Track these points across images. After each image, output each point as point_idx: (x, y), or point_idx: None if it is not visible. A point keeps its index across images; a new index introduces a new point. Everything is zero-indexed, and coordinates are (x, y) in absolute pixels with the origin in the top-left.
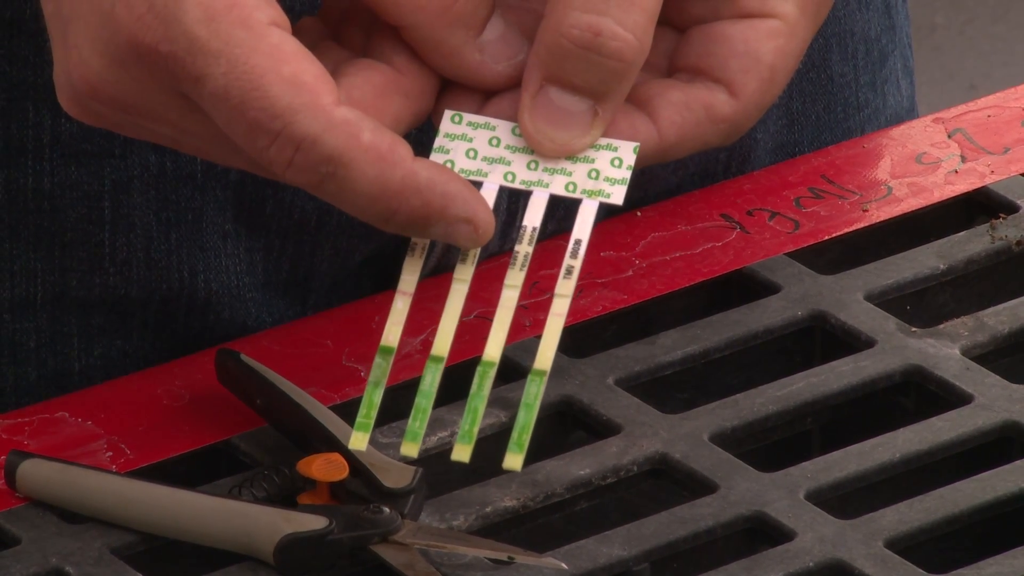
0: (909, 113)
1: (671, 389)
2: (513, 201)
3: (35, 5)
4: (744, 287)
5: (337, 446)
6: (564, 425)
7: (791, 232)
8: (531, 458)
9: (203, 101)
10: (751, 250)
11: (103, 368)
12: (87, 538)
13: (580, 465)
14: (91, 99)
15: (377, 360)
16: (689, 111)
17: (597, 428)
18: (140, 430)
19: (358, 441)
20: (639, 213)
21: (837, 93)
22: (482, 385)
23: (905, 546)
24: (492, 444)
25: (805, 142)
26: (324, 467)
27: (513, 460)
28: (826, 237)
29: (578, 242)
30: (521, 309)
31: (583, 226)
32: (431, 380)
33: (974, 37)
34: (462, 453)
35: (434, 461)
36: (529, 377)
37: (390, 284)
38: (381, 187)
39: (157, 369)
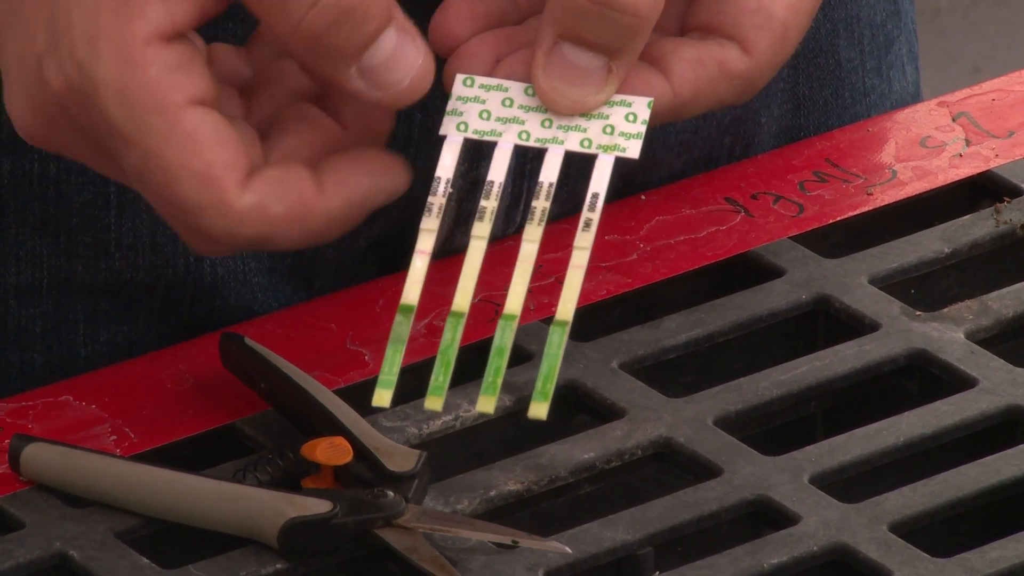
0: (914, 98)
1: (675, 373)
2: (518, 184)
3: None
4: (748, 271)
5: (341, 430)
6: (568, 409)
7: (795, 216)
8: (534, 442)
9: (128, 174)
10: (755, 234)
11: (109, 354)
12: (91, 522)
13: (584, 449)
14: (33, 143)
15: (398, 318)
16: (702, 67)
17: (601, 412)
18: (144, 414)
19: (381, 398)
20: (643, 197)
21: (844, 78)
22: (503, 338)
23: (909, 530)
24: (495, 428)
25: (811, 127)
26: (328, 451)
27: (538, 409)
28: (830, 221)
29: (595, 195)
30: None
31: (600, 180)
32: (452, 335)
33: (978, 20)
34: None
35: (438, 445)
36: (551, 327)
37: (396, 268)
38: (311, 237)
39: (161, 353)
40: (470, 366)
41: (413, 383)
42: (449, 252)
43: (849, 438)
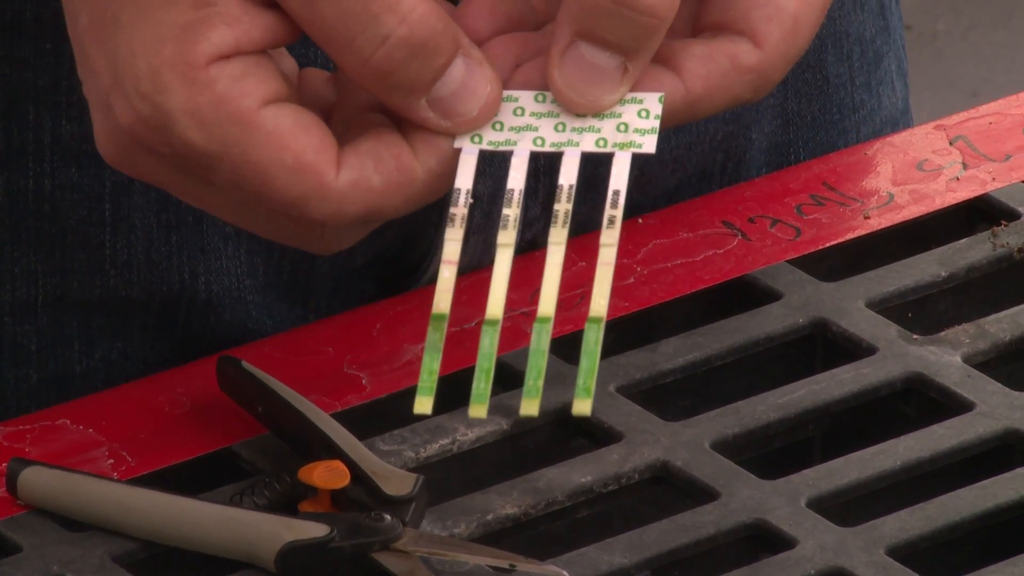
0: (903, 115)
1: (672, 396)
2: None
3: (35, 7)
4: (745, 294)
5: (338, 453)
6: (565, 432)
7: (792, 239)
8: (532, 465)
9: (219, 186)
10: (752, 257)
11: (104, 370)
12: (88, 545)
13: (581, 472)
14: (121, 170)
15: (431, 327)
16: (714, 62)
17: (598, 435)
18: (141, 437)
19: (422, 405)
20: (640, 220)
21: (832, 94)
22: (540, 341)
23: (906, 554)
24: (492, 451)
25: (800, 143)
26: (325, 474)
27: (581, 406)
28: (827, 244)
29: (616, 192)
30: (521, 316)
31: (619, 177)
32: (489, 342)
33: (976, 44)
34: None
35: (435, 468)
36: (587, 325)
37: (393, 287)
38: (414, 203)
39: (158, 376)
40: (465, 388)
41: (406, 407)
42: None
43: (846, 462)
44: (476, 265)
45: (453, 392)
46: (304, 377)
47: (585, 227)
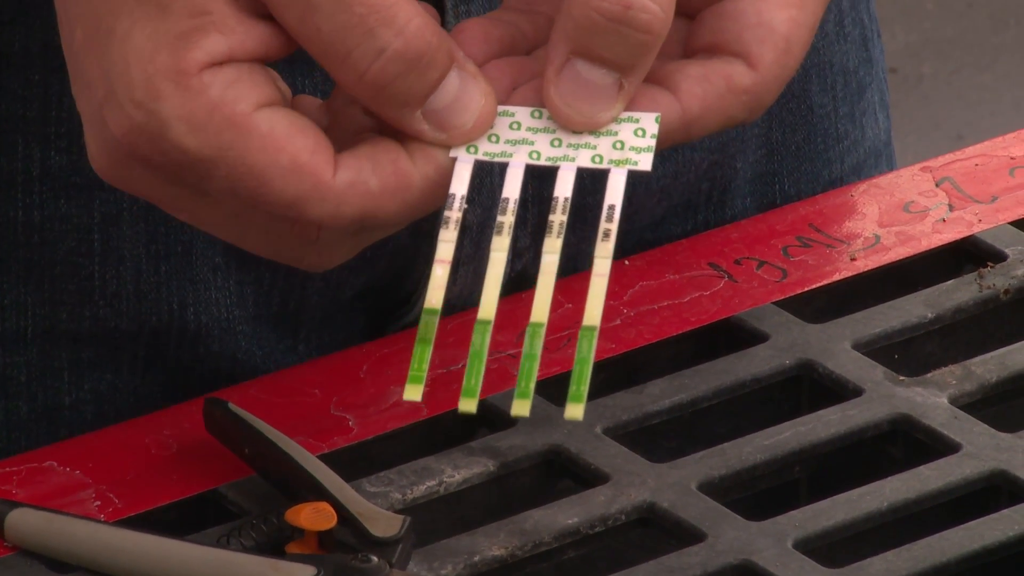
0: (886, 146)
1: (659, 438)
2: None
3: (23, 39)
4: (732, 336)
5: (325, 495)
6: (552, 474)
7: (779, 281)
8: (518, 507)
9: (213, 195)
10: (739, 299)
11: (93, 402)
12: None
13: (568, 514)
14: (114, 184)
15: (422, 320)
16: (709, 83)
17: (585, 477)
18: (128, 479)
19: (412, 392)
20: (627, 262)
21: (817, 124)
22: (532, 345)
23: None
24: (478, 493)
25: (784, 172)
26: (312, 516)
27: (573, 410)
28: (814, 286)
29: (611, 207)
30: (509, 359)
31: (614, 192)
32: (481, 341)
33: (961, 87)
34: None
35: (422, 510)
36: (580, 334)
37: (383, 318)
38: (409, 210)
39: (145, 418)
40: (450, 431)
41: (396, 448)
42: (451, 311)
43: (833, 503)
44: (467, 297)
45: (439, 434)
46: (291, 419)
47: (575, 260)
